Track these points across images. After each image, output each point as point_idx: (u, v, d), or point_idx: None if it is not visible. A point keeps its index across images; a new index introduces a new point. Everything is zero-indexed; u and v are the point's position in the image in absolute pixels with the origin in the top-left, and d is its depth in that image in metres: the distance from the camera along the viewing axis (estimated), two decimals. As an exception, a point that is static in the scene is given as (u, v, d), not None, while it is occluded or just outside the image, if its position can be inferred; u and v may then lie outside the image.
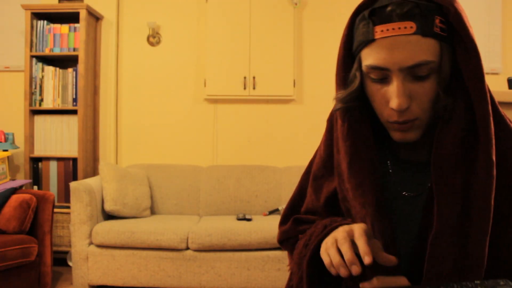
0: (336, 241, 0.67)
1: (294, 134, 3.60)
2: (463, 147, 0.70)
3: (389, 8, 0.67)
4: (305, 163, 0.98)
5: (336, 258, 0.65)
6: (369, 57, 0.70)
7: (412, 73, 0.68)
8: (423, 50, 0.66)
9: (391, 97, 0.69)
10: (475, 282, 0.62)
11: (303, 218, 0.91)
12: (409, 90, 0.69)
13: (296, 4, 3.48)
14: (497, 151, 0.70)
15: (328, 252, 0.67)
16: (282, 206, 3.22)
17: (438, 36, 0.67)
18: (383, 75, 0.70)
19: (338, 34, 3.46)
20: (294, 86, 3.53)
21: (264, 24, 3.50)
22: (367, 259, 0.60)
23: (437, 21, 0.67)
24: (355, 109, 0.77)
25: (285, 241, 0.95)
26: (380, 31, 0.68)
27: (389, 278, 0.69)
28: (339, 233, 0.67)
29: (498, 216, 0.69)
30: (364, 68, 0.72)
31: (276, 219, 2.84)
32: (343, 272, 0.63)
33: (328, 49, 3.60)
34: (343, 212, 0.82)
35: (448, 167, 0.70)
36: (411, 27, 0.66)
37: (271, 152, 3.61)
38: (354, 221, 0.78)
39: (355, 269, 0.61)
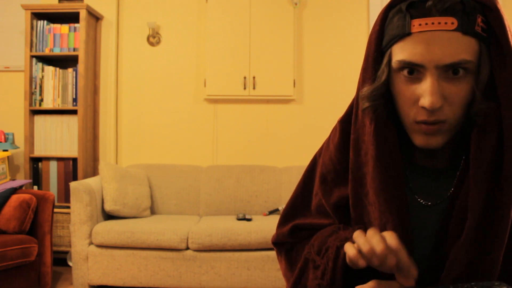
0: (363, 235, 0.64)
1: (294, 134, 3.60)
2: (493, 157, 0.67)
3: (430, 2, 0.63)
4: (305, 163, 0.96)
5: (366, 246, 0.61)
6: (402, 52, 0.66)
7: (448, 71, 0.64)
8: (463, 48, 0.62)
9: (423, 95, 0.65)
10: (471, 283, 0.62)
11: (302, 225, 0.88)
12: (442, 89, 0.64)
13: (296, 4, 3.47)
14: None
15: (355, 239, 0.64)
16: (282, 206, 3.22)
17: (479, 35, 0.63)
18: (415, 71, 0.66)
19: (338, 34, 3.46)
20: (294, 86, 3.53)
21: (264, 24, 3.50)
22: (413, 271, 0.60)
23: (479, 20, 0.63)
24: (381, 108, 0.72)
25: (280, 244, 0.93)
26: (418, 24, 0.64)
27: (385, 282, 0.69)
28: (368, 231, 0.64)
29: None
30: (394, 63, 0.67)
31: (276, 219, 2.83)
32: (374, 261, 0.60)
33: (328, 49, 3.60)
34: (353, 218, 0.79)
35: (483, 174, 0.67)
36: (452, 23, 0.62)
37: (271, 152, 3.61)
38: (368, 227, 0.76)
39: (391, 259, 0.58)
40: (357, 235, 0.64)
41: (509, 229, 0.67)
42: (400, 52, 0.66)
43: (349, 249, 0.64)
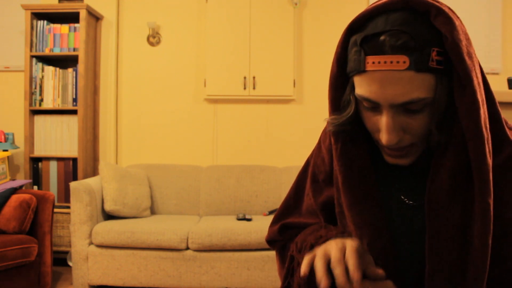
0: (326, 254, 0.65)
1: (294, 134, 3.60)
2: (461, 182, 0.67)
3: (382, 38, 0.62)
4: (305, 163, 0.98)
5: (320, 272, 0.62)
6: (360, 87, 0.67)
7: (404, 107, 0.65)
8: (416, 86, 0.62)
9: (381, 130, 0.67)
10: None
11: (291, 224, 0.90)
12: (400, 123, 0.66)
13: (296, 4, 3.48)
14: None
15: (316, 262, 0.64)
16: (282, 206, 3.22)
17: (433, 70, 0.62)
18: (374, 105, 0.67)
19: (338, 35, 3.44)
20: (294, 86, 3.53)
21: (264, 24, 3.50)
22: (356, 276, 0.60)
23: (433, 54, 0.62)
24: (348, 129, 0.74)
25: (272, 242, 0.96)
26: (371, 62, 0.63)
27: (376, 283, 0.69)
28: (333, 249, 0.65)
29: (504, 227, 0.68)
30: (356, 95, 0.69)
31: (276, 219, 2.85)
32: (324, 284, 0.61)
33: (328, 49, 3.60)
34: (338, 222, 0.81)
35: (443, 202, 0.67)
36: (404, 62, 0.61)
37: (271, 152, 3.61)
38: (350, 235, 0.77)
39: None
40: (318, 260, 0.64)
41: (499, 231, 0.67)
42: (358, 86, 0.67)
43: (303, 267, 0.66)
